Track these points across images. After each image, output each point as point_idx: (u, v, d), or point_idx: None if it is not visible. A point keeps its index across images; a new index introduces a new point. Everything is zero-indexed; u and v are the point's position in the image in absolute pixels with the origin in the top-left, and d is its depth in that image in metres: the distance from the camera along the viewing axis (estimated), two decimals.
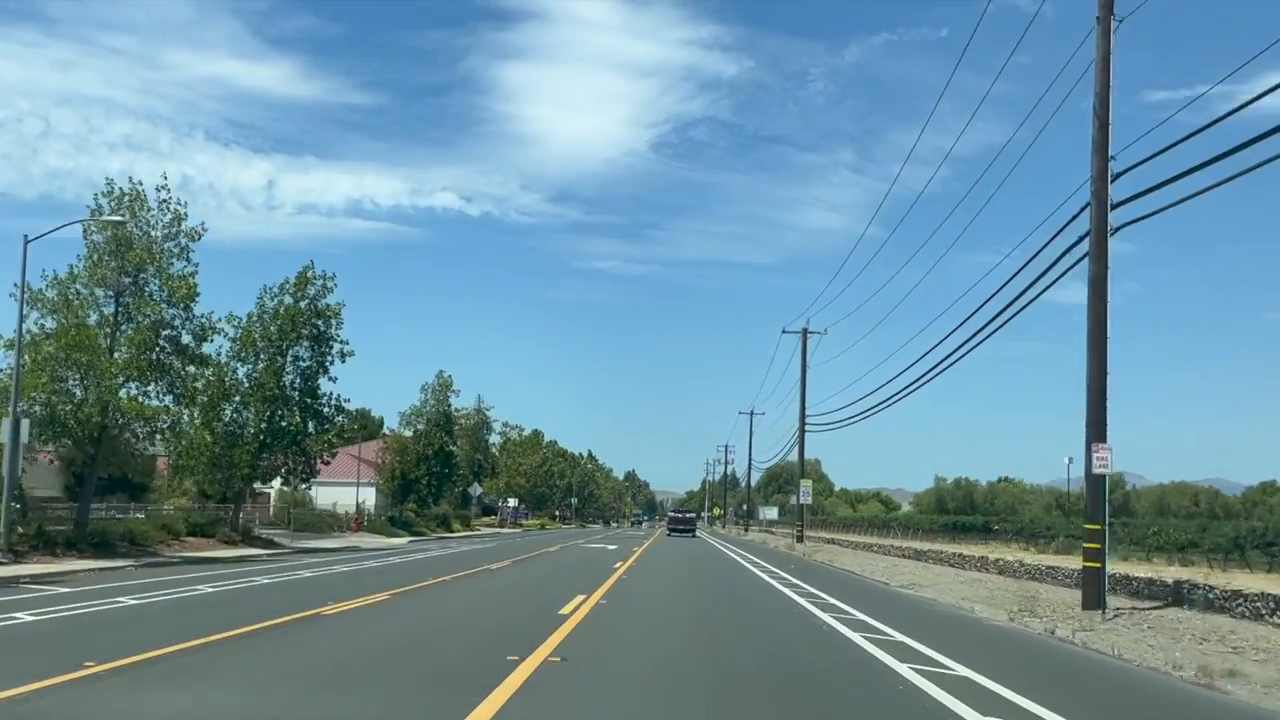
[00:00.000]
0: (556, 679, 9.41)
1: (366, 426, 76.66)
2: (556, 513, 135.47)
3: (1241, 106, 14.43)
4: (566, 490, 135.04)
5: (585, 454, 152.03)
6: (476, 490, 77.56)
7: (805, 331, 53.39)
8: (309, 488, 43.88)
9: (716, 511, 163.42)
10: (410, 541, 50.12)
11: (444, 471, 61.14)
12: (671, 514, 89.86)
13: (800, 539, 53.05)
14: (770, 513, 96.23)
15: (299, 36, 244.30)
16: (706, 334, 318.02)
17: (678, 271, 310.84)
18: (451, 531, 68.16)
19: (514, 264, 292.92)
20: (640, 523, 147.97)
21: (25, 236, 24.80)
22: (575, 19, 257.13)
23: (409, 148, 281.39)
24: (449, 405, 61.65)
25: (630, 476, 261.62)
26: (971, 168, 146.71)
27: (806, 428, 53.09)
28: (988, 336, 22.24)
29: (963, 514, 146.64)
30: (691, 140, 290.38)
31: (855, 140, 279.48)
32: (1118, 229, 17.38)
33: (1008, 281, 20.87)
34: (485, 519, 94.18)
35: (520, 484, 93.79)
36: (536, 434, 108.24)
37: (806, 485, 51.54)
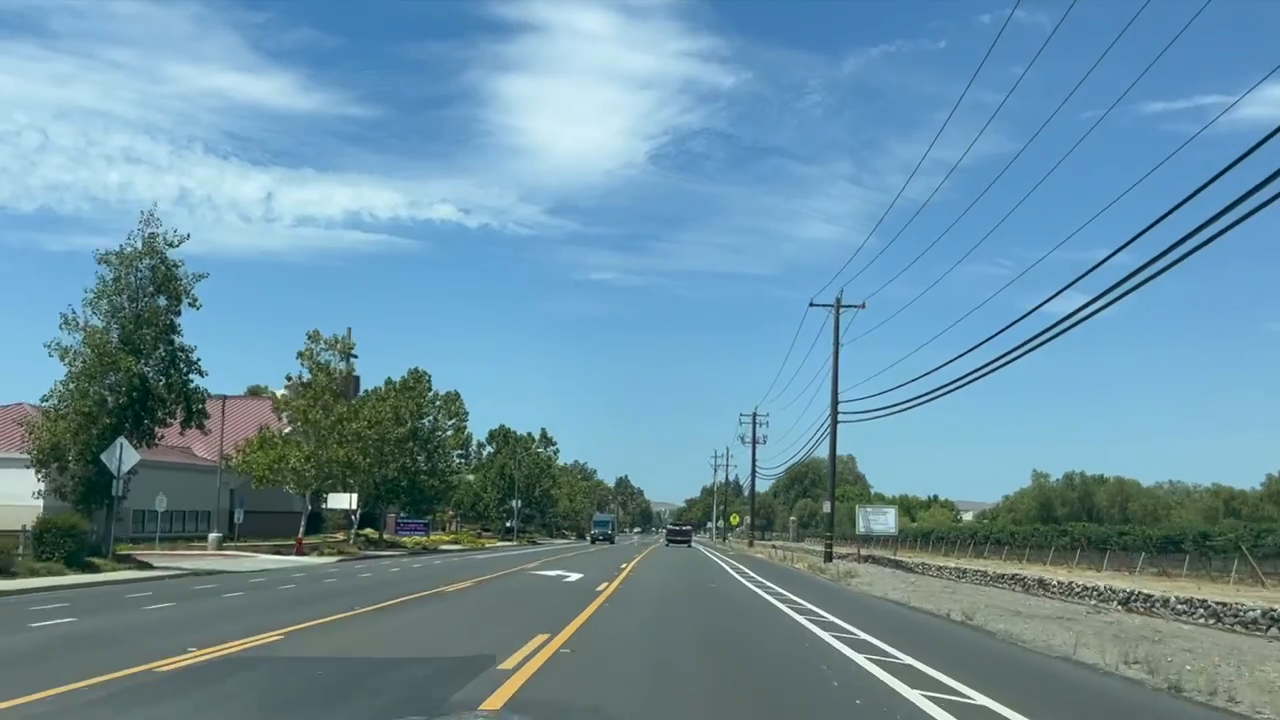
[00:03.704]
0: None
1: None
2: (514, 525, 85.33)
3: None
4: (504, 488, 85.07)
5: (536, 434, 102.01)
6: (127, 459, 27.58)
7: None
8: None
9: (735, 520, 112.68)
10: None
11: None
12: (670, 526, 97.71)
13: None
14: (882, 521, 45.53)
15: (297, 49, 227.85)
16: (705, 345, 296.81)
17: (676, 283, 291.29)
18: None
19: (512, 276, 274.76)
20: (607, 537, 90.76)
21: None
22: (574, 31, 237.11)
23: (407, 160, 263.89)
24: None
25: (622, 483, 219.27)
26: (972, 177, 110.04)
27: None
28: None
29: (1074, 520, 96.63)
30: (690, 152, 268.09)
31: (853, 152, 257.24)
32: None
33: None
34: (364, 532, 45.21)
35: (350, 461, 43.71)
36: (417, 375, 57.71)
37: None
